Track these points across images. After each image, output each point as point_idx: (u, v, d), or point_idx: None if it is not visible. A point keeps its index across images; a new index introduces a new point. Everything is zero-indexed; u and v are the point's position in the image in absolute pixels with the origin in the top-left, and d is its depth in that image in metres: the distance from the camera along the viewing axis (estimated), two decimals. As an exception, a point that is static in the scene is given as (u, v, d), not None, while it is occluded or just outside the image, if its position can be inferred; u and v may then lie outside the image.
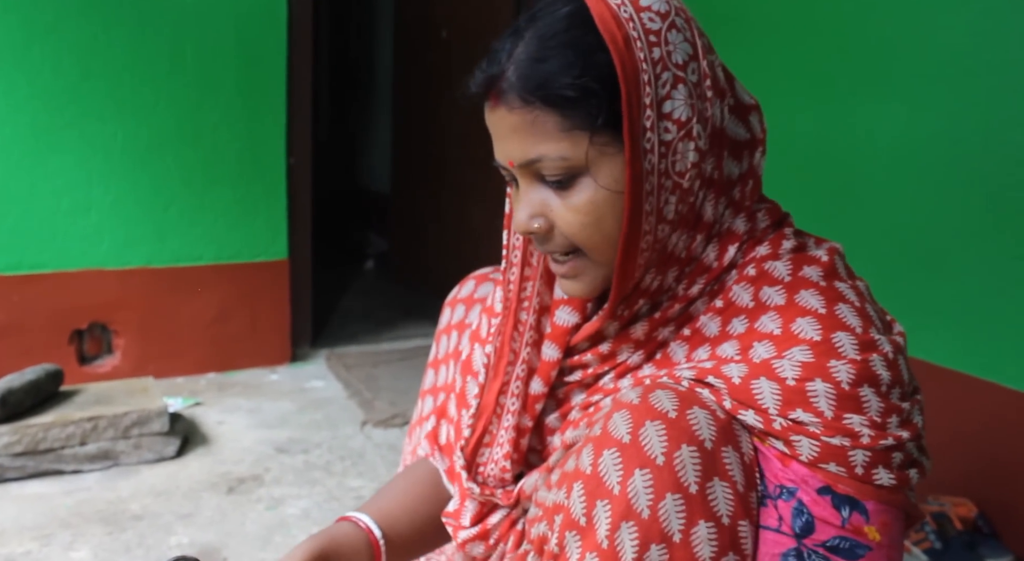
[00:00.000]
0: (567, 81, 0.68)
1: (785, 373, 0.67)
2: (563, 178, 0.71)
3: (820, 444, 0.66)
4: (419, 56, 3.34)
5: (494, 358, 0.87)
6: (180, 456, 1.83)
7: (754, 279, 0.74)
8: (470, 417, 0.88)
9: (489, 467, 0.88)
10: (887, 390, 0.67)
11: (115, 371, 2.24)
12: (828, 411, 0.66)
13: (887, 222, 1.65)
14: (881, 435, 0.66)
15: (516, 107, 0.70)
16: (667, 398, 0.67)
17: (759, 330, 0.71)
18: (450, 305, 1.11)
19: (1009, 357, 1.46)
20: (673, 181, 0.70)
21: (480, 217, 3.05)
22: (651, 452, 0.65)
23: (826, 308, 0.69)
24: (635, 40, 0.68)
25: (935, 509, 1.51)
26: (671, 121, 0.69)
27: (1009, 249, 1.44)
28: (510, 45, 0.72)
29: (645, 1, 0.70)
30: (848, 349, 0.67)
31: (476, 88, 0.74)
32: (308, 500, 1.65)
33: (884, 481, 0.66)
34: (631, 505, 0.64)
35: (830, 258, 0.74)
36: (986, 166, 1.47)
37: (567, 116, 0.69)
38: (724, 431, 0.67)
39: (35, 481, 1.67)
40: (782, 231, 0.77)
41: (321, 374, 2.45)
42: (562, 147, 0.69)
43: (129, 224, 2.21)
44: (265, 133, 2.35)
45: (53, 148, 2.09)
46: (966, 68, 1.49)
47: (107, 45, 2.11)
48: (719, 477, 0.65)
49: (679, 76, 0.69)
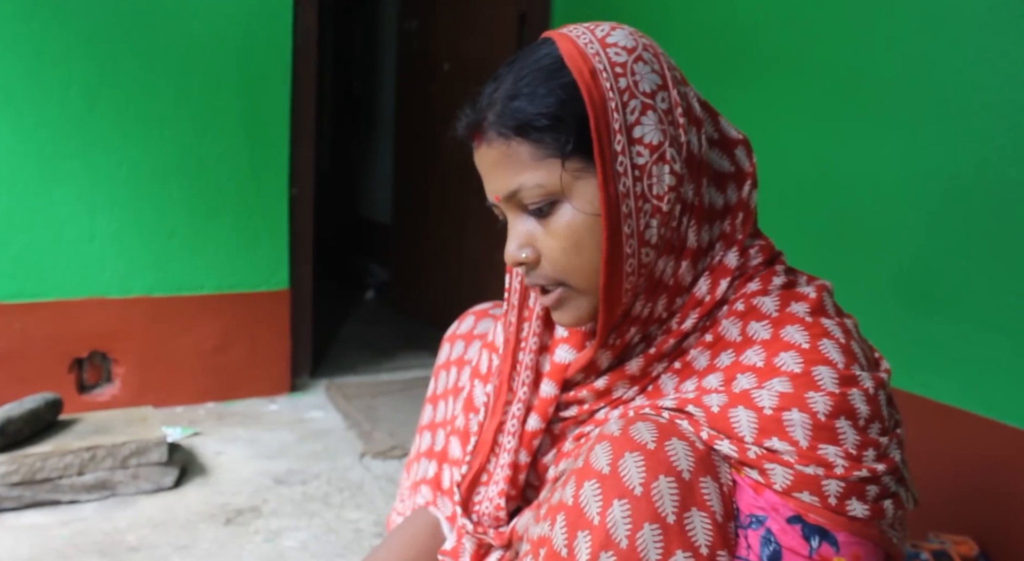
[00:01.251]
0: (539, 112, 0.72)
1: (763, 402, 0.69)
2: (543, 205, 0.75)
3: (794, 473, 0.66)
4: (421, 88, 3.38)
5: (493, 398, 0.88)
6: (178, 486, 1.82)
7: (743, 314, 0.75)
8: (467, 455, 0.90)
9: (484, 505, 0.88)
10: (865, 424, 0.68)
11: (114, 400, 2.24)
12: (803, 440, 0.67)
13: (884, 258, 1.66)
14: (856, 466, 0.66)
15: (494, 143, 0.75)
16: (647, 430, 0.68)
17: (743, 363, 0.72)
18: (449, 341, 1.12)
19: (1009, 394, 1.46)
20: (652, 204, 0.73)
21: (480, 248, 3.06)
22: (630, 483, 0.66)
23: (810, 343, 0.71)
24: (601, 72, 0.72)
25: (936, 547, 1.50)
26: (643, 145, 0.72)
27: (1006, 285, 1.45)
28: (491, 89, 0.77)
29: (612, 38, 0.75)
30: (827, 382, 0.68)
31: (462, 131, 0.79)
32: (306, 532, 1.64)
33: (858, 512, 0.66)
34: (610, 535, 0.65)
35: (818, 295, 0.76)
36: (982, 202, 1.49)
37: (539, 145, 0.73)
38: (703, 461, 0.68)
39: (31, 511, 1.67)
40: (773, 268, 0.79)
41: (320, 404, 2.44)
42: (538, 175, 0.73)
43: (131, 253, 2.22)
44: (268, 164, 2.37)
45: (57, 177, 2.11)
46: (962, 106, 1.51)
47: (114, 77, 2.13)
48: (697, 507, 0.66)
49: (647, 103, 0.73)
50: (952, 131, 1.53)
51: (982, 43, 1.48)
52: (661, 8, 2.22)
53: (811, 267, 0.86)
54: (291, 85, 2.38)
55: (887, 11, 1.64)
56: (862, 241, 1.71)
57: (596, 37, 0.75)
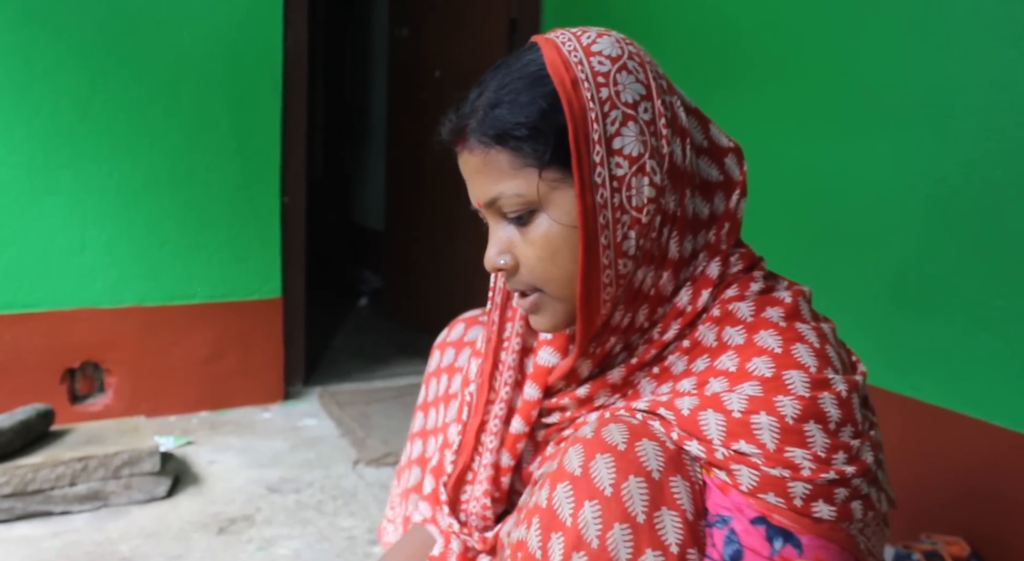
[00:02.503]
0: (518, 121, 0.73)
1: (732, 405, 0.69)
2: (521, 214, 0.76)
3: (760, 474, 0.67)
4: (412, 95, 3.39)
5: (475, 397, 0.89)
6: (171, 496, 1.82)
7: (719, 319, 0.76)
8: (452, 454, 0.90)
9: (471, 504, 0.89)
10: (836, 428, 0.68)
11: (107, 410, 2.23)
12: (771, 443, 0.67)
13: (873, 260, 1.67)
14: (823, 468, 0.67)
15: (477, 150, 0.76)
16: (618, 431, 0.69)
17: (717, 367, 0.73)
18: (439, 348, 1.12)
19: (997, 394, 1.47)
20: (631, 216, 0.73)
21: (473, 255, 3.05)
22: (600, 484, 0.66)
23: (782, 347, 0.71)
24: (582, 81, 0.72)
25: (928, 548, 1.50)
26: (622, 156, 0.72)
27: (994, 287, 1.46)
28: (475, 95, 0.78)
29: (596, 47, 0.74)
30: (798, 386, 0.69)
31: (446, 136, 0.80)
32: (299, 540, 1.64)
33: (823, 514, 0.67)
34: (581, 536, 0.66)
35: (794, 300, 0.76)
36: (969, 205, 1.50)
37: (518, 154, 0.74)
38: (673, 461, 0.68)
39: (23, 523, 1.66)
40: (751, 274, 0.79)
41: (314, 412, 2.44)
42: (516, 184, 0.74)
43: (123, 263, 2.22)
44: (259, 173, 2.38)
45: (48, 188, 2.11)
46: (948, 109, 1.52)
47: (104, 87, 2.13)
48: (667, 506, 0.67)
49: (629, 114, 0.73)
50: (938, 134, 1.54)
51: (967, 46, 1.49)
52: (650, 13, 2.23)
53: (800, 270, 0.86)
54: (282, 93, 2.38)
55: (874, 15, 1.65)
56: (851, 244, 1.72)
57: (581, 44, 0.74)
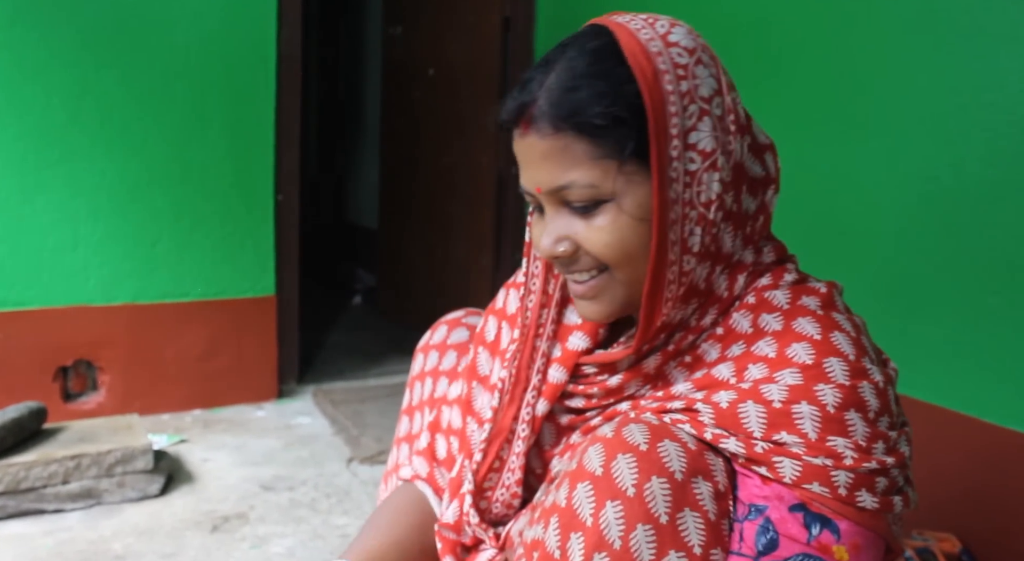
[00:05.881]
0: (598, 110, 0.70)
1: (772, 396, 0.69)
2: (588, 204, 0.73)
3: (803, 464, 0.67)
4: (406, 94, 3.38)
5: (510, 383, 0.87)
6: (164, 494, 1.81)
7: (754, 307, 0.75)
8: (482, 442, 0.88)
9: (499, 491, 0.88)
10: (875, 417, 0.68)
11: (100, 408, 2.23)
12: (812, 433, 0.67)
13: (865, 259, 1.68)
14: (865, 458, 0.67)
15: (547, 134, 0.72)
16: (639, 432, 0.68)
17: (755, 353, 0.72)
18: (423, 351, 1.11)
19: (989, 392, 1.48)
20: (699, 212, 0.72)
21: (466, 253, 3.07)
22: (622, 484, 0.66)
23: (821, 335, 0.71)
24: (663, 73, 0.70)
25: (919, 544, 1.51)
26: (696, 152, 0.71)
27: (985, 285, 1.47)
28: (541, 74, 0.74)
29: (673, 37, 0.73)
30: (838, 374, 0.68)
31: (508, 115, 0.76)
32: (293, 538, 1.64)
33: (867, 504, 0.67)
34: (603, 536, 0.65)
35: (829, 291, 0.77)
36: (960, 203, 1.50)
37: (597, 144, 0.71)
38: (695, 462, 0.68)
39: (15, 521, 1.65)
40: (785, 266, 0.79)
41: (307, 410, 2.44)
42: (592, 174, 0.71)
43: (116, 260, 2.21)
44: (253, 170, 2.37)
45: (41, 186, 2.10)
46: (939, 108, 1.53)
47: (97, 84, 2.13)
48: (690, 507, 0.66)
49: (704, 109, 0.72)
50: (931, 133, 1.55)
51: (959, 45, 1.50)
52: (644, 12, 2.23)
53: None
54: (275, 92, 2.38)
55: (866, 14, 1.66)
56: (842, 242, 1.73)
57: (658, 33, 0.72)
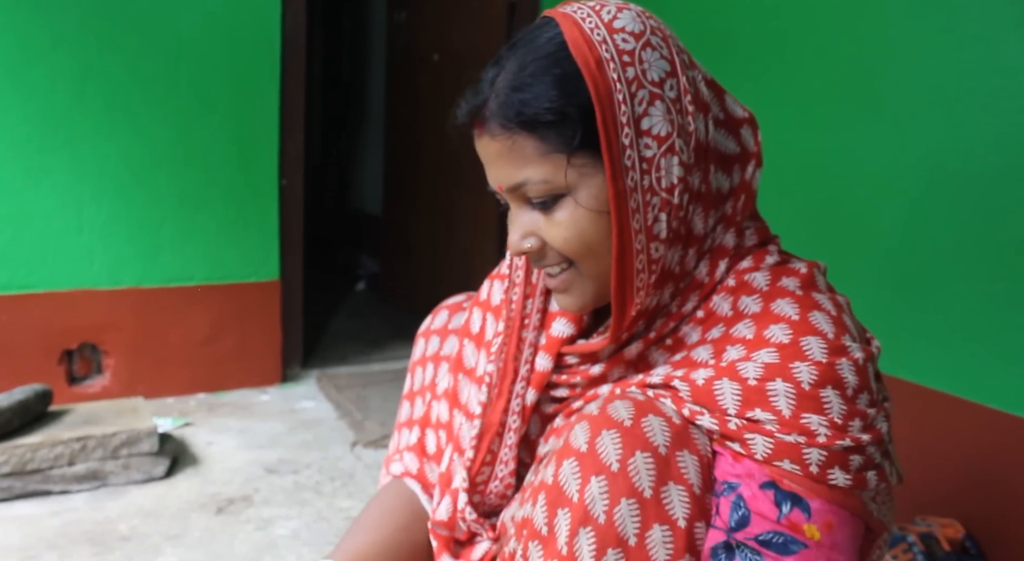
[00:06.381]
0: (544, 107, 0.71)
1: (747, 373, 0.69)
2: (547, 199, 0.74)
3: (775, 441, 0.67)
4: (411, 79, 3.37)
5: (497, 377, 0.88)
6: (169, 476, 1.82)
7: (734, 289, 0.76)
8: (473, 438, 0.88)
9: (492, 484, 0.88)
10: (853, 394, 0.68)
11: (104, 391, 2.23)
12: (786, 410, 0.67)
13: (872, 245, 1.68)
14: (839, 436, 0.67)
15: (497, 135, 0.73)
16: (624, 408, 0.69)
17: (734, 335, 0.73)
18: (424, 336, 1.11)
19: (995, 378, 1.48)
20: (661, 197, 0.71)
21: (469, 239, 3.07)
22: (606, 459, 0.66)
23: (799, 315, 0.71)
24: (607, 61, 0.70)
25: (923, 530, 1.51)
26: (651, 137, 0.71)
27: (992, 271, 1.47)
28: (492, 75, 0.75)
29: (619, 23, 0.72)
30: (816, 352, 0.68)
31: (462, 118, 0.77)
32: (298, 521, 1.65)
33: (839, 481, 0.67)
34: (588, 511, 0.66)
35: (809, 271, 0.76)
36: (968, 189, 1.50)
37: (545, 140, 0.71)
38: (680, 436, 0.68)
39: (21, 502, 1.66)
40: (767, 248, 0.79)
41: (312, 395, 2.45)
42: (543, 170, 0.72)
43: (120, 244, 2.22)
44: (257, 155, 2.37)
45: (45, 169, 2.10)
46: (949, 93, 1.52)
47: (102, 67, 2.12)
48: (674, 481, 0.67)
49: (655, 93, 0.71)
50: (939, 119, 1.54)
51: (968, 30, 1.49)
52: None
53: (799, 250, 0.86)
54: (280, 76, 2.37)
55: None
56: (849, 228, 1.72)
57: (602, 21, 0.72)
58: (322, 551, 1.53)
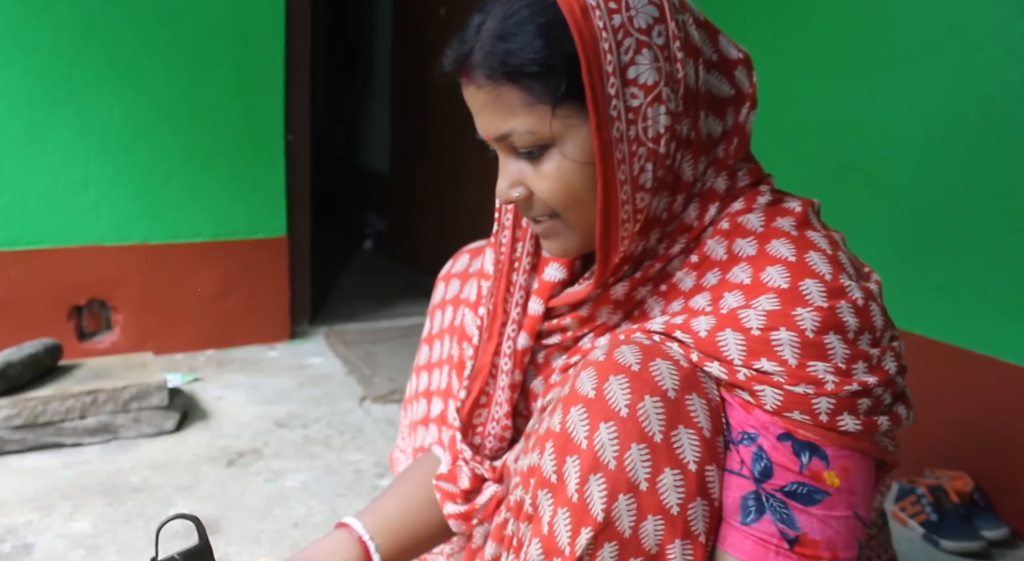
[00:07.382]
0: (528, 57, 0.70)
1: (750, 323, 0.68)
2: (533, 149, 0.73)
3: (784, 393, 0.66)
4: (417, 35, 3.33)
5: (488, 319, 0.88)
6: (179, 430, 1.83)
7: (727, 232, 0.75)
8: (465, 379, 0.89)
9: (490, 426, 0.89)
10: (854, 337, 0.67)
11: (114, 347, 2.24)
12: (792, 359, 0.66)
13: (886, 197, 1.65)
14: (846, 381, 0.66)
15: (483, 85, 0.72)
16: (631, 352, 0.68)
17: (730, 281, 0.72)
18: (444, 280, 1.11)
19: (1007, 331, 1.47)
20: (647, 147, 0.71)
21: (477, 196, 3.04)
22: (615, 405, 0.66)
23: (796, 256, 0.70)
24: (593, 8, 0.69)
25: (932, 482, 1.52)
26: (637, 86, 0.70)
27: (1007, 223, 1.45)
28: (478, 22, 0.74)
29: None
30: (815, 296, 0.67)
31: (448, 67, 0.76)
32: (307, 473, 1.66)
33: (849, 427, 0.66)
34: (598, 457, 0.65)
35: (803, 209, 0.75)
36: (985, 140, 1.47)
37: (529, 91, 0.71)
38: (688, 379, 0.68)
39: (35, 454, 1.68)
40: (758, 188, 0.78)
41: (320, 351, 2.45)
42: (528, 121, 0.71)
43: (127, 200, 2.21)
44: (263, 110, 2.34)
45: (50, 124, 2.08)
46: (966, 41, 1.49)
47: (104, 21, 2.09)
48: (684, 425, 0.66)
49: (643, 41, 0.69)
50: (958, 66, 1.51)
51: (989, -25, 1.45)
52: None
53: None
54: (285, 30, 2.34)
55: (892, -56, 1.60)
56: (864, 179, 1.70)
57: None
58: (331, 503, 1.54)
